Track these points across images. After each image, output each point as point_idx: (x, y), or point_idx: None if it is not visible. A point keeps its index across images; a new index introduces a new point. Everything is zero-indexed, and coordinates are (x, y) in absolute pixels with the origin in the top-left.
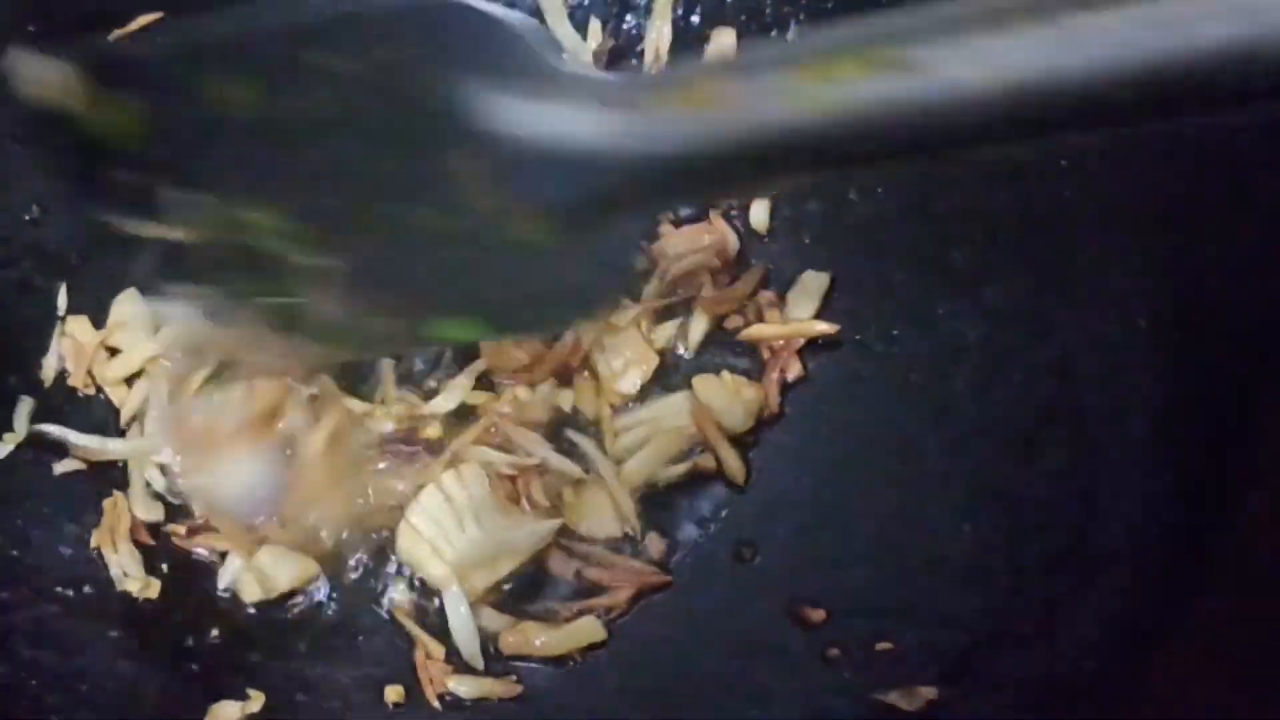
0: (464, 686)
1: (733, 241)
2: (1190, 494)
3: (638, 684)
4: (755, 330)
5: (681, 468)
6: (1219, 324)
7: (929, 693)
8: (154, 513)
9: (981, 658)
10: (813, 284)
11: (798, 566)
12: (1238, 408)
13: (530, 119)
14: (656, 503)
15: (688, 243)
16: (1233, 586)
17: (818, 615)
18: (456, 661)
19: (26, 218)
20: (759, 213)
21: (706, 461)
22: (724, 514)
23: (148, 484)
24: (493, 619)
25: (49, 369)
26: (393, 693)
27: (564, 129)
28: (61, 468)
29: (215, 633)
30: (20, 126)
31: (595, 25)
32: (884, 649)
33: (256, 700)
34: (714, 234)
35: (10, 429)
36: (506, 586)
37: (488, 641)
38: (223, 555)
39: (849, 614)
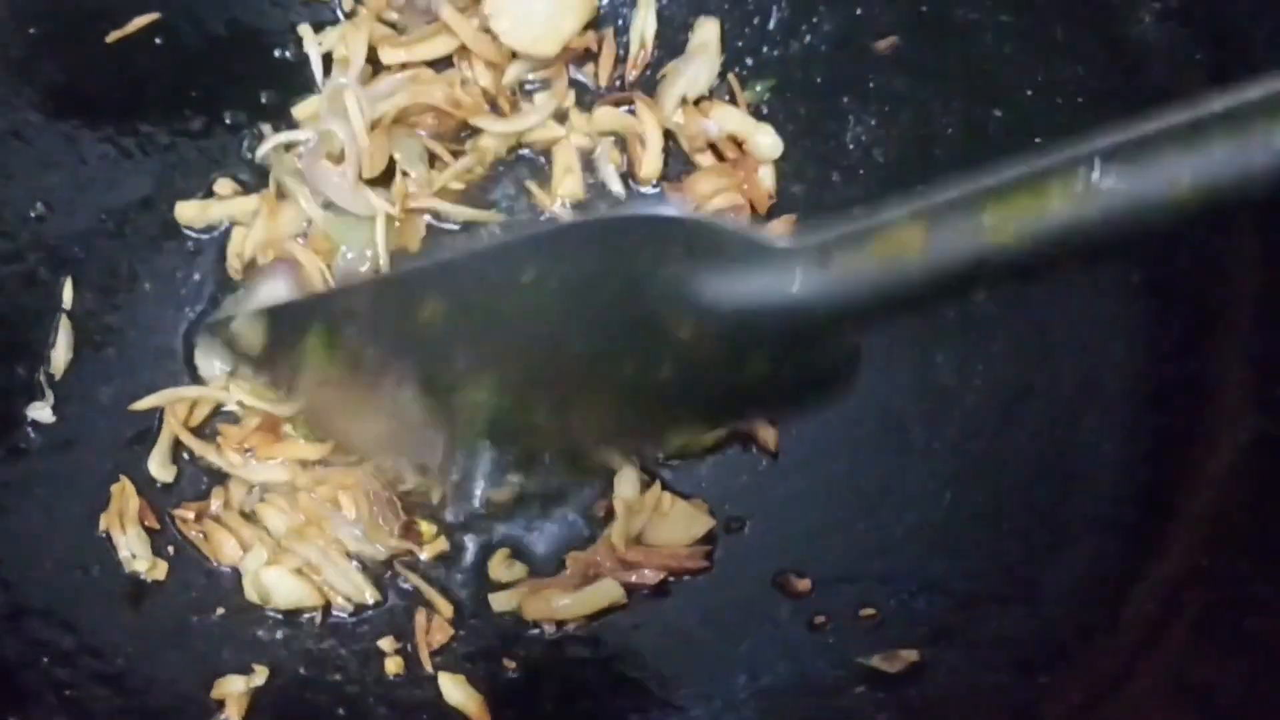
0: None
1: (765, 183)
2: (1157, 457)
3: (629, 653)
4: None
5: (720, 432)
6: (1186, 294)
7: (911, 655)
8: (167, 474)
9: (962, 620)
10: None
11: (784, 537)
12: (1200, 375)
13: (742, 288)
14: None
15: (718, 181)
16: (1194, 542)
17: (804, 584)
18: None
19: (32, 214)
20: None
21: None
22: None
23: (172, 446)
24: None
25: (59, 360)
26: (393, 664)
27: (769, 292)
28: None
29: (220, 611)
30: None
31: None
32: (868, 614)
33: (260, 674)
34: (745, 173)
35: (17, 418)
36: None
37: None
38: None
39: (834, 582)
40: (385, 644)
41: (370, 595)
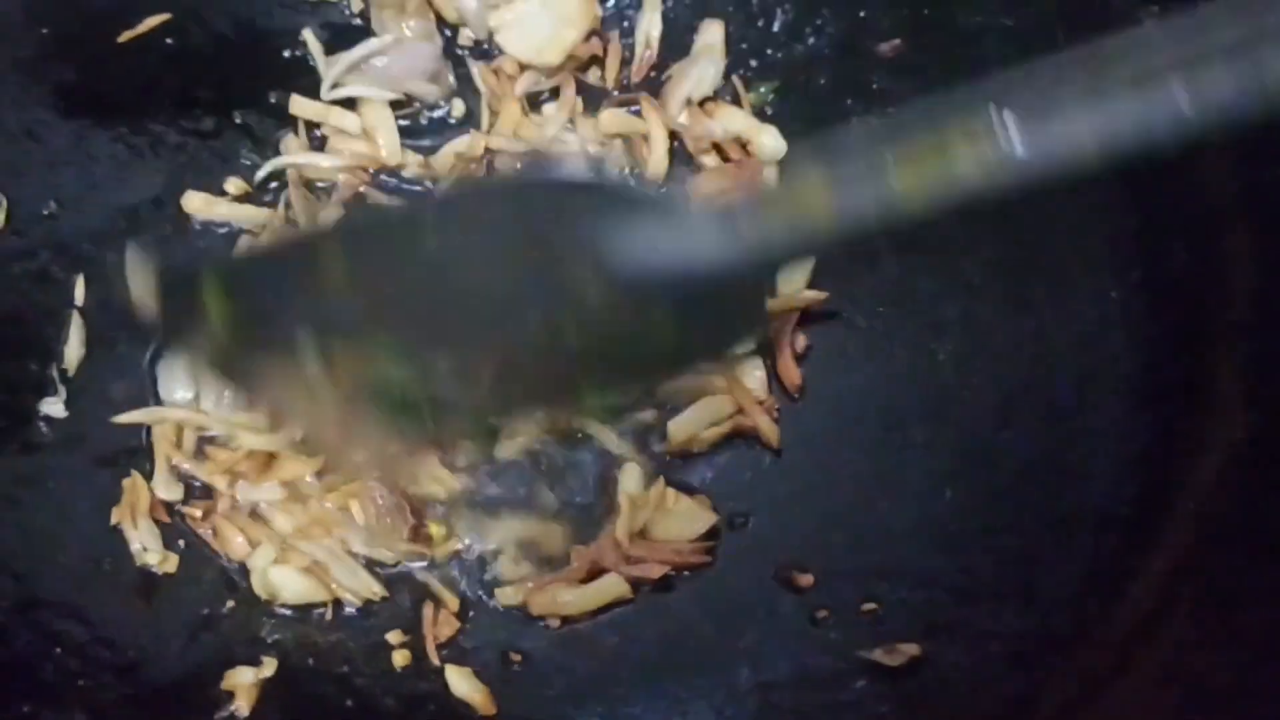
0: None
1: (771, 180)
2: (1153, 454)
3: (633, 646)
4: None
5: (722, 429)
6: (1183, 293)
7: (911, 649)
8: (175, 492)
9: (962, 614)
10: (799, 263)
11: (787, 533)
12: (1195, 373)
13: (653, 251)
14: None
15: (722, 181)
16: (1189, 538)
17: (806, 579)
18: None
19: (44, 212)
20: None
21: (745, 421)
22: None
23: (170, 464)
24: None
25: (72, 356)
26: (400, 657)
27: (680, 255)
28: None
29: (230, 604)
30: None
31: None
32: (869, 609)
33: (269, 666)
34: (749, 174)
35: (30, 413)
36: None
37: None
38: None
39: (836, 577)
40: (393, 637)
41: (378, 592)
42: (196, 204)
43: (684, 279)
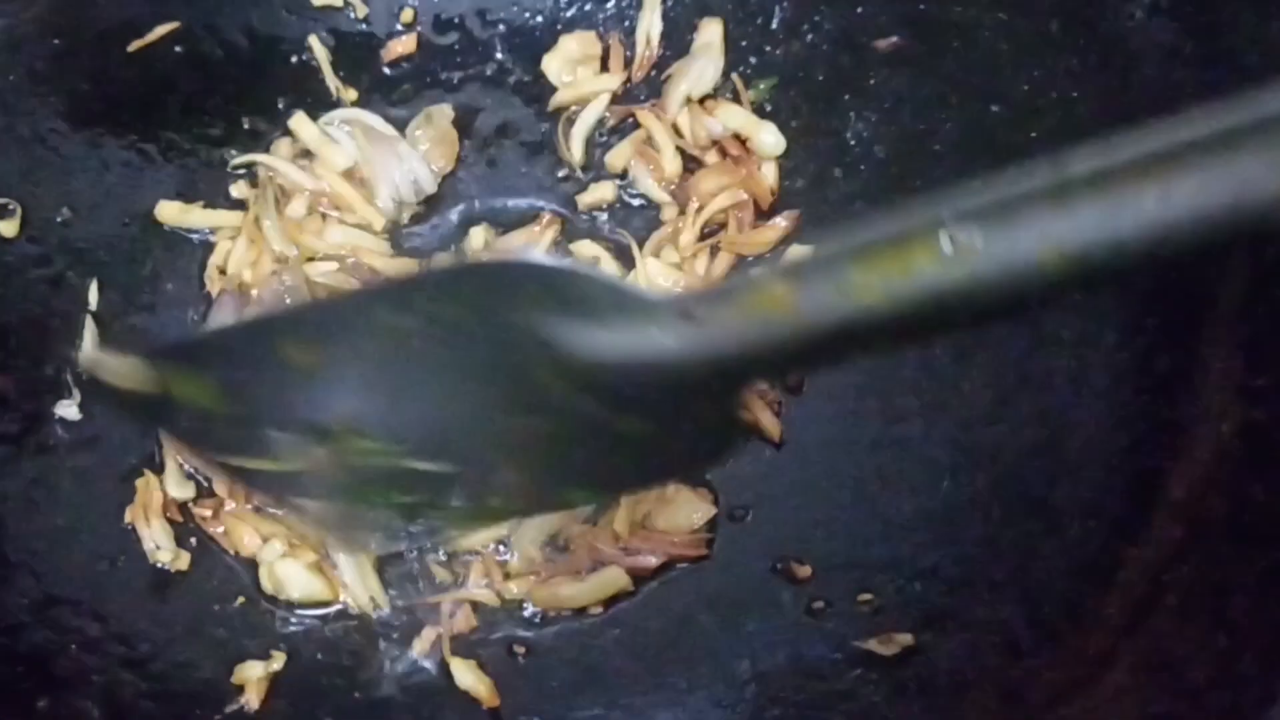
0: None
1: (767, 179)
2: (1144, 446)
3: (635, 638)
4: None
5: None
6: (1173, 288)
7: (905, 639)
8: (186, 491)
9: (955, 604)
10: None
11: (785, 525)
12: (1187, 365)
13: (609, 342)
14: None
15: (720, 179)
16: (1176, 532)
17: (804, 571)
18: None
19: (58, 218)
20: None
21: (746, 414)
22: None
23: (180, 464)
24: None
25: (87, 360)
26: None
27: (638, 348)
28: None
29: (241, 600)
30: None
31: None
32: (865, 600)
33: (279, 659)
34: (747, 169)
35: (45, 416)
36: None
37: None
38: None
39: (833, 568)
40: (400, 631)
41: (384, 602)
42: (169, 213)
43: (644, 370)
